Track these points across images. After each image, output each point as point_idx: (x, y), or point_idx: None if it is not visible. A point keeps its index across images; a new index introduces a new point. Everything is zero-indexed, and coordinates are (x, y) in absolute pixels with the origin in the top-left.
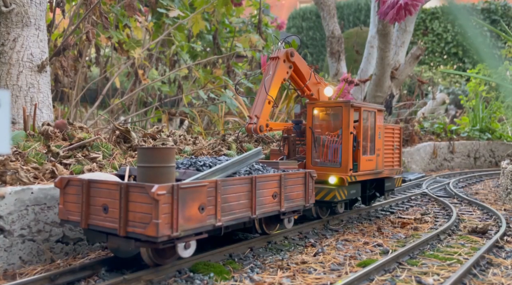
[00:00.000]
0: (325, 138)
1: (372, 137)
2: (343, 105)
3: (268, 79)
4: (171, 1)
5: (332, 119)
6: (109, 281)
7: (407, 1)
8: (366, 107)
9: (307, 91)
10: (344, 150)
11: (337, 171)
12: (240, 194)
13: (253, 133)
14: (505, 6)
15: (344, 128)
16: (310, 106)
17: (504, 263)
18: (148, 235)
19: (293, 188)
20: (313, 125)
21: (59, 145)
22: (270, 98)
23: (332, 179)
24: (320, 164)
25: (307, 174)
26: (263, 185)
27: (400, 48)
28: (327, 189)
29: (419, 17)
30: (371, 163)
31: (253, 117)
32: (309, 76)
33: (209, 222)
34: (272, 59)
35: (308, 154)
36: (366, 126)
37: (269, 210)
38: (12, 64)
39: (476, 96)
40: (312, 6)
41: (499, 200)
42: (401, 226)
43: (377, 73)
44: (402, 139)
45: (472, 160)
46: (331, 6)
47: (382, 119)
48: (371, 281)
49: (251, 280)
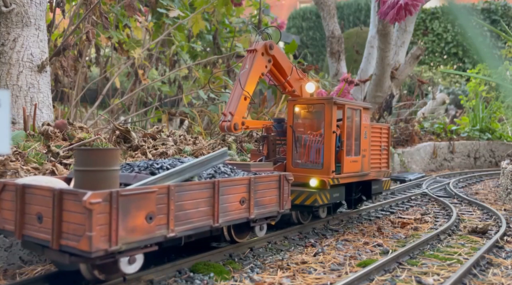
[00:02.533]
0: (306, 137)
1: (357, 137)
2: (325, 102)
3: (244, 73)
4: (171, 1)
5: (315, 117)
6: (109, 281)
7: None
8: (351, 104)
9: (289, 88)
10: (326, 150)
11: (319, 173)
12: (199, 201)
13: (226, 131)
14: (505, 6)
15: (326, 127)
16: (291, 103)
17: (504, 263)
18: (81, 250)
19: (265, 193)
20: (294, 124)
21: (59, 145)
22: (246, 94)
23: (313, 181)
24: (302, 166)
25: (282, 177)
26: (228, 190)
27: (400, 48)
28: (308, 192)
29: (419, 17)
30: (356, 164)
31: (227, 114)
32: (291, 71)
33: (159, 233)
34: (249, 51)
35: (288, 155)
36: (351, 125)
37: (235, 217)
38: (12, 64)
39: (476, 96)
40: (312, 6)
41: (499, 200)
42: (401, 226)
43: (377, 73)
44: (390, 139)
45: (472, 160)
46: (331, 6)
47: (369, 117)
48: (371, 281)
49: (251, 280)
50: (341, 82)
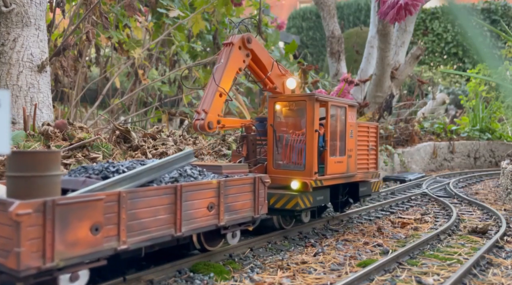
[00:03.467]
0: (288, 137)
1: (342, 136)
2: (306, 99)
3: (219, 68)
4: (171, 1)
5: (297, 115)
6: (109, 281)
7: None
8: (335, 102)
9: (270, 84)
10: (309, 150)
11: (301, 175)
12: (158, 208)
13: (199, 130)
14: (505, 6)
15: (308, 126)
16: (272, 101)
17: (504, 263)
18: (9, 267)
19: (237, 197)
20: (275, 123)
21: (59, 145)
22: (222, 90)
23: (294, 184)
24: (283, 167)
25: (257, 179)
26: (194, 195)
27: (400, 48)
28: (289, 195)
29: (419, 17)
30: (341, 165)
31: (201, 112)
32: (271, 66)
33: (108, 246)
34: (225, 45)
35: (269, 156)
36: (335, 124)
37: (202, 225)
38: (12, 64)
39: (476, 96)
40: (312, 6)
41: (499, 200)
42: (401, 226)
43: (377, 73)
44: (378, 138)
45: (472, 160)
46: (331, 6)
47: (355, 115)
48: (371, 281)
49: (251, 280)
50: (341, 82)
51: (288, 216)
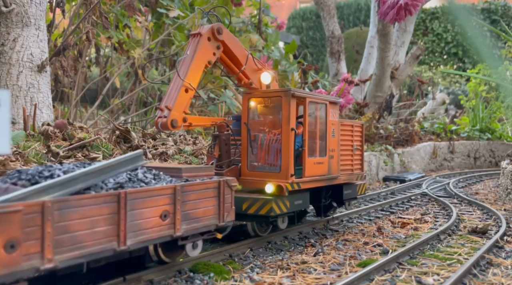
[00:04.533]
0: (264, 136)
1: (323, 135)
2: (282, 94)
3: (185, 61)
4: (171, 1)
5: (272, 112)
6: (109, 281)
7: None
8: (314, 98)
9: (245, 79)
10: (284, 151)
11: (276, 178)
12: (96, 219)
13: (161, 129)
14: (505, 6)
15: (284, 124)
16: (246, 97)
17: (504, 263)
18: None
19: (198, 204)
20: (249, 121)
21: (59, 145)
22: (188, 85)
23: (269, 187)
24: (258, 169)
25: (222, 183)
26: (142, 203)
27: (400, 48)
28: (262, 200)
29: (419, 17)
30: (321, 166)
31: (164, 109)
32: (246, 60)
33: (27, 265)
34: (193, 36)
35: (243, 157)
36: (314, 122)
37: (154, 236)
38: (12, 64)
39: (476, 96)
40: (312, 6)
41: (499, 200)
42: (401, 226)
43: (377, 73)
44: (364, 137)
45: (472, 160)
46: (331, 6)
47: (337, 113)
48: (371, 281)
49: (251, 280)
50: (341, 82)
51: (264, 222)
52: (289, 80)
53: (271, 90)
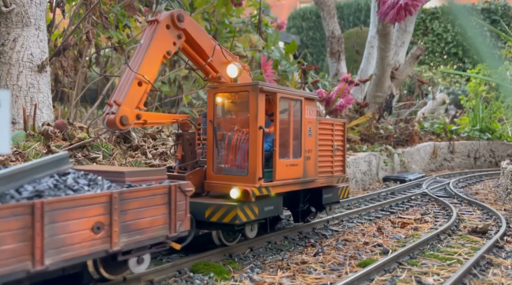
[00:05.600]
0: (232, 135)
1: (297, 135)
2: (249, 89)
3: (140, 51)
4: (171, 1)
5: (241, 109)
6: (109, 281)
7: (407, 1)
8: (286, 93)
9: (213, 73)
10: (252, 152)
11: (243, 181)
12: (2, 235)
13: (109, 127)
14: (505, 6)
15: (252, 121)
16: (211, 92)
17: (504, 263)
18: None
19: (142, 213)
20: (215, 118)
21: (59, 145)
22: (141, 78)
23: (233, 192)
24: (225, 172)
25: (174, 189)
26: (67, 214)
27: (400, 48)
28: (226, 206)
29: (419, 17)
30: (296, 169)
31: (112, 104)
32: (213, 51)
33: None
34: (149, 23)
35: (209, 158)
36: (287, 120)
37: (83, 252)
38: (12, 64)
39: (476, 96)
40: (312, 6)
41: (499, 200)
42: (401, 226)
43: (377, 73)
44: (346, 137)
45: (472, 160)
46: (331, 6)
47: (314, 110)
48: (371, 281)
49: (251, 280)
50: (341, 82)
51: (231, 230)
52: (289, 80)
53: (238, 84)
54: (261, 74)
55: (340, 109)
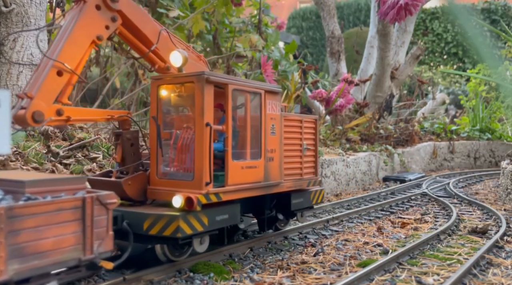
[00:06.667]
0: (178, 134)
1: (257, 133)
2: (194, 79)
3: (61, 35)
4: (171, 1)
5: (188, 104)
6: (109, 281)
7: (407, 1)
8: (240, 85)
9: (160, 62)
10: (198, 152)
11: (188, 187)
12: None
13: (19, 124)
14: (505, 6)
15: (197, 117)
16: (154, 84)
17: (504, 263)
18: None
19: (42, 232)
20: (159, 114)
21: (59, 145)
22: (61, 66)
23: (176, 200)
24: (170, 176)
25: (89, 201)
26: None
27: (400, 48)
28: (167, 217)
29: (419, 17)
30: (254, 172)
31: (23, 96)
32: (157, 37)
33: None
34: (76, 2)
35: (152, 160)
36: (243, 116)
37: None
38: (12, 64)
39: (476, 96)
40: (312, 6)
41: (499, 200)
42: (401, 226)
43: (377, 73)
44: (318, 136)
45: (472, 160)
46: (331, 6)
47: (278, 105)
48: (371, 281)
49: (251, 280)
50: (341, 82)
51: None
52: (289, 80)
53: (182, 74)
54: (261, 74)
55: (340, 109)
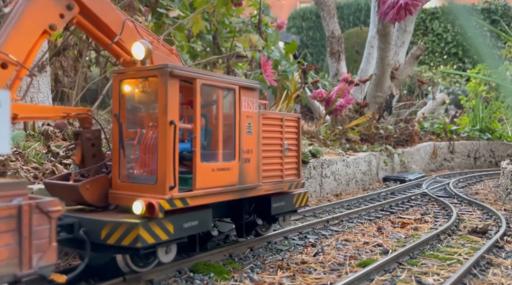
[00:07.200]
0: (142, 133)
1: (230, 132)
2: (157, 73)
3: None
4: (171, 1)
5: (153, 100)
6: (109, 281)
7: (407, 1)
8: (211, 79)
9: (125, 55)
10: (161, 153)
11: (151, 191)
12: None
13: None
14: (505, 6)
15: (160, 114)
16: (116, 79)
17: (504, 263)
18: None
19: None
20: (121, 112)
21: (59, 145)
22: (5, 58)
23: (137, 206)
24: (133, 179)
25: (27, 209)
26: None
27: (400, 48)
28: (126, 225)
29: (419, 17)
30: (227, 174)
31: None
32: (121, 27)
33: None
34: None
35: (114, 162)
36: (215, 113)
37: None
38: None
39: (476, 96)
40: (312, 6)
41: (499, 200)
42: (401, 226)
43: (377, 73)
44: (300, 135)
45: (472, 160)
46: (331, 6)
47: (256, 102)
48: (371, 281)
49: (251, 280)
50: (341, 82)
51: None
52: (289, 80)
53: (144, 67)
54: (261, 74)
55: (340, 109)
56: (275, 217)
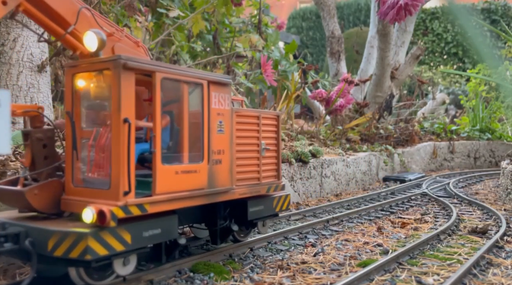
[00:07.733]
0: (98, 132)
1: (198, 131)
2: (110, 66)
3: None
4: (171, 1)
5: (107, 96)
6: (109, 281)
7: (407, 1)
8: (173, 73)
9: (82, 48)
10: (114, 155)
11: (103, 197)
12: None
13: None
14: (505, 6)
15: (113, 111)
16: (69, 72)
17: (504, 263)
18: None
19: None
20: (75, 109)
21: (59, 145)
22: None
23: (87, 214)
24: (86, 184)
25: None
26: None
27: (400, 48)
28: (74, 235)
29: (419, 17)
30: (194, 177)
31: None
32: (76, 16)
33: None
34: None
35: (67, 165)
36: (180, 111)
37: None
38: (12, 64)
39: (476, 96)
40: (312, 6)
41: (499, 200)
42: (401, 226)
43: (377, 73)
44: (280, 134)
45: (472, 160)
46: (331, 6)
47: (228, 99)
48: (371, 281)
49: (251, 280)
50: (341, 82)
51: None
52: (289, 80)
53: (97, 59)
54: (261, 74)
55: (340, 109)
56: (253, 222)
